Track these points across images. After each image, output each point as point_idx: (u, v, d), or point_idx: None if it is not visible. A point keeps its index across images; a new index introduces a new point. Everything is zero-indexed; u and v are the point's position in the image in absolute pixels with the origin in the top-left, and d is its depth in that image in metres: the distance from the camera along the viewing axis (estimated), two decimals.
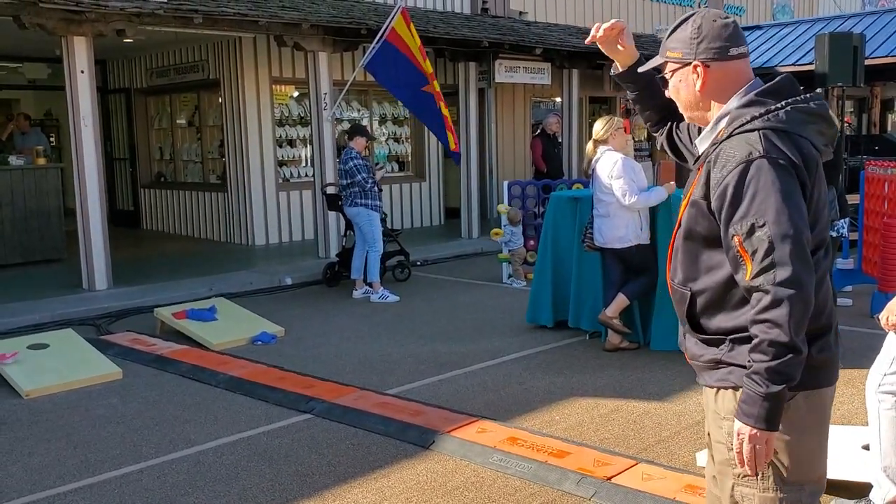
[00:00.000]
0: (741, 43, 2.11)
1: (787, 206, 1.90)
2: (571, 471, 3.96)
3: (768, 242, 1.89)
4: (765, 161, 1.92)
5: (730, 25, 2.10)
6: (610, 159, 5.89)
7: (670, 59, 2.16)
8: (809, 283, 1.89)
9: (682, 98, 2.18)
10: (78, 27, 8.21)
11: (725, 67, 2.08)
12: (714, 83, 2.09)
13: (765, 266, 1.89)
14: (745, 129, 1.99)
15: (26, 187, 10.06)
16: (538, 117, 14.85)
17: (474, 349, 6.36)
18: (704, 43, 2.08)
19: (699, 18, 2.11)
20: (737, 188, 1.94)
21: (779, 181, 1.91)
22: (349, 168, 8.30)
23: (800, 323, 1.89)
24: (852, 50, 9.33)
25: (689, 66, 2.11)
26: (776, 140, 1.95)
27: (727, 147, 1.99)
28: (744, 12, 19.63)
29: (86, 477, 4.18)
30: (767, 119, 1.98)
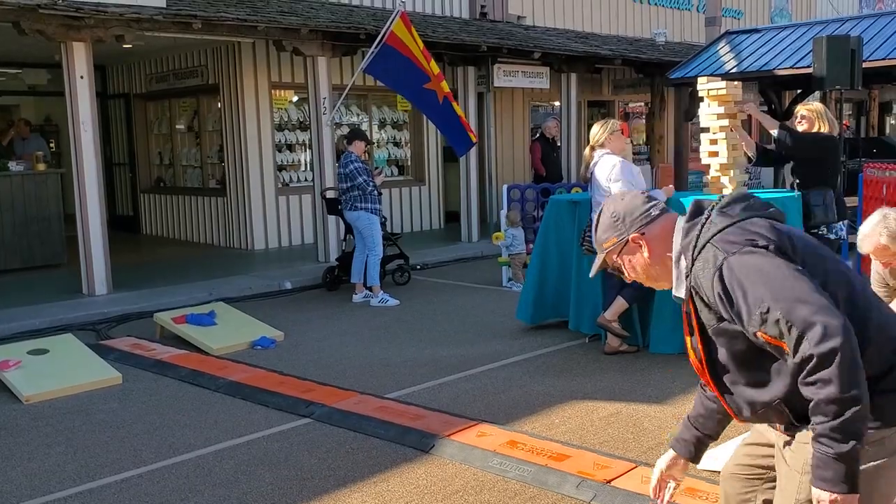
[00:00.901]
0: (652, 199, 2.28)
1: (774, 278, 1.94)
2: (571, 474, 3.96)
3: (784, 319, 1.89)
4: (730, 259, 1.99)
5: (637, 196, 2.28)
6: (608, 162, 5.90)
7: (609, 248, 2.27)
8: (842, 326, 1.86)
9: (640, 274, 2.28)
10: (77, 33, 8.23)
11: (656, 226, 2.22)
12: (656, 245, 2.21)
13: (796, 339, 1.88)
14: (698, 251, 2.07)
15: (26, 193, 10.07)
16: (537, 121, 14.88)
17: (474, 353, 6.36)
18: (627, 219, 2.23)
19: (609, 205, 2.29)
20: (727, 297, 2.00)
21: (752, 265, 1.97)
22: (349, 172, 8.31)
23: (852, 372, 1.85)
24: (850, 53, 9.35)
25: (628, 242, 2.23)
26: (726, 238, 2.04)
27: (698, 273, 2.07)
28: (742, 15, 19.66)
29: (86, 482, 4.18)
30: (707, 231, 2.08)
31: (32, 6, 7.65)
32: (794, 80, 12.38)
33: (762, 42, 12.86)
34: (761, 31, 13.47)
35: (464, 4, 14.17)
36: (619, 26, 16.98)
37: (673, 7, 18.25)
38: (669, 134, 15.73)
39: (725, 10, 18.03)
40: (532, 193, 9.61)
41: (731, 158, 5.92)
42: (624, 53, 14.15)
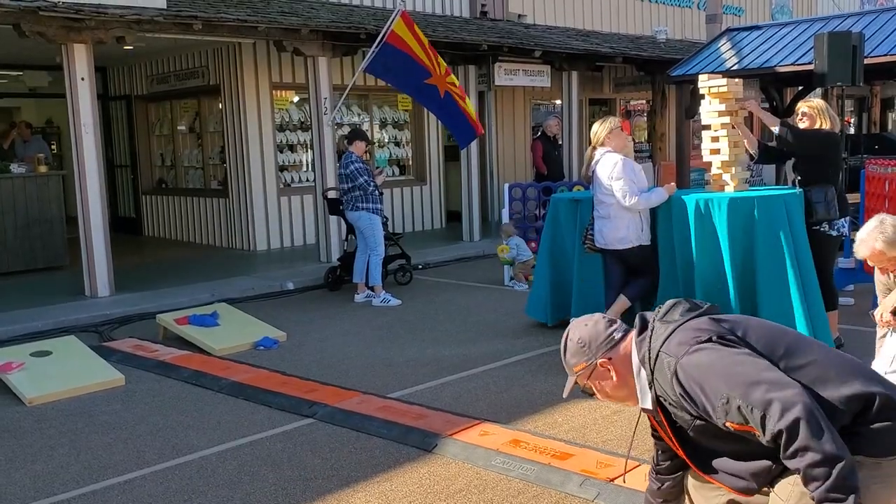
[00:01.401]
0: (614, 322, 2.42)
1: (724, 369, 2.07)
2: (575, 472, 3.96)
3: (744, 405, 2.04)
4: (682, 361, 2.14)
5: (599, 321, 2.42)
6: (610, 160, 5.89)
7: (580, 372, 2.40)
8: (797, 395, 2.00)
9: (611, 395, 2.42)
10: (78, 35, 8.23)
11: (621, 349, 2.35)
12: (622, 367, 2.36)
13: (760, 420, 2.03)
14: (653, 362, 2.23)
15: (28, 195, 10.09)
16: (538, 120, 14.87)
17: (476, 352, 6.36)
18: (593, 344, 2.37)
19: (574, 330, 2.44)
20: (689, 397, 2.14)
21: (702, 362, 2.10)
22: (350, 172, 8.31)
23: (822, 433, 1.97)
24: (851, 49, 9.33)
25: (596, 366, 2.37)
26: (673, 343, 2.18)
27: (657, 384, 2.22)
28: (743, 13, 19.64)
29: (89, 483, 4.19)
30: (654, 344, 2.23)
31: (33, 8, 7.66)
32: (796, 76, 12.35)
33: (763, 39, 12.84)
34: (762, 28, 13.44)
35: (464, 3, 14.16)
36: (620, 24, 16.96)
37: (674, 4, 18.23)
38: (671, 131, 15.71)
39: (726, 8, 18.01)
40: (533, 192, 9.61)
41: (732, 156, 5.91)
42: (625, 51, 14.13)
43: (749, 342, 2.17)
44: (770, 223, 5.57)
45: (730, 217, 5.61)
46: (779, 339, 2.21)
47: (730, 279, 5.62)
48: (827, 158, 5.91)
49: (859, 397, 2.10)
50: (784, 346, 2.18)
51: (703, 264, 5.72)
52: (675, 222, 5.91)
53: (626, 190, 5.77)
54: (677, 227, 5.89)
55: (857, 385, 2.12)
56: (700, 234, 5.74)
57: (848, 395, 2.10)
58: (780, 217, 5.61)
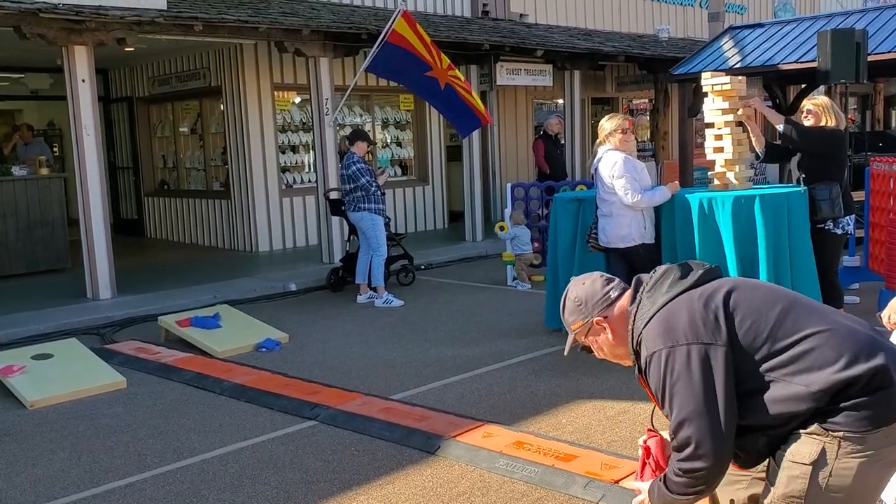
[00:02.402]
0: (612, 280, 2.44)
1: (681, 388, 2.11)
2: (579, 474, 3.92)
3: (673, 431, 2.16)
4: (650, 359, 2.19)
5: (596, 280, 2.43)
6: (611, 159, 5.84)
7: (577, 330, 2.43)
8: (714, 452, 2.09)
9: (607, 353, 2.45)
10: (78, 36, 8.21)
11: (617, 309, 2.37)
12: (619, 326, 2.37)
13: (674, 447, 2.18)
14: (636, 340, 2.27)
15: (29, 197, 10.07)
16: (541, 119, 14.83)
17: (479, 352, 6.33)
18: (589, 302, 2.39)
19: (572, 289, 2.45)
20: (651, 388, 2.25)
21: (665, 369, 2.15)
22: (352, 173, 8.28)
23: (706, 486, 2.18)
24: (855, 46, 9.27)
25: (593, 324, 2.40)
26: (649, 333, 2.21)
27: (641, 359, 2.27)
28: (745, 11, 19.59)
29: (90, 487, 4.16)
30: (640, 320, 2.26)
31: (33, 10, 7.64)
32: (799, 74, 12.29)
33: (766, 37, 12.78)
34: (765, 26, 13.38)
35: (465, 3, 14.13)
36: (622, 23, 16.92)
37: (676, 3, 18.18)
38: (674, 130, 15.67)
39: (729, 6, 17.96)
40: (536, 191, 9.56)
41: (736, 154, 5.87)
42: (627, 50, 14.09)
43: (734, 325, 2.14)
44: (774, 221, 5.53)
45: (734, 215, 5.57)
46: (768, 312, 2.16)
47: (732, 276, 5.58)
48: (832, 156, 5.87)
49: (841, 381, 2.07)
50: (772, 323, 2.14)
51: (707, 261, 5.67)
52: (677, 220, 5.88)
53: (628, 188, 5.72)
54: (680, 225, 5.85)
55: (842, 366, 2.08)
56: (703, 232, 5.70)
57: (829, 380, 2.07)
58: (784, 215, 5.57)
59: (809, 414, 2.10)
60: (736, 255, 5.58)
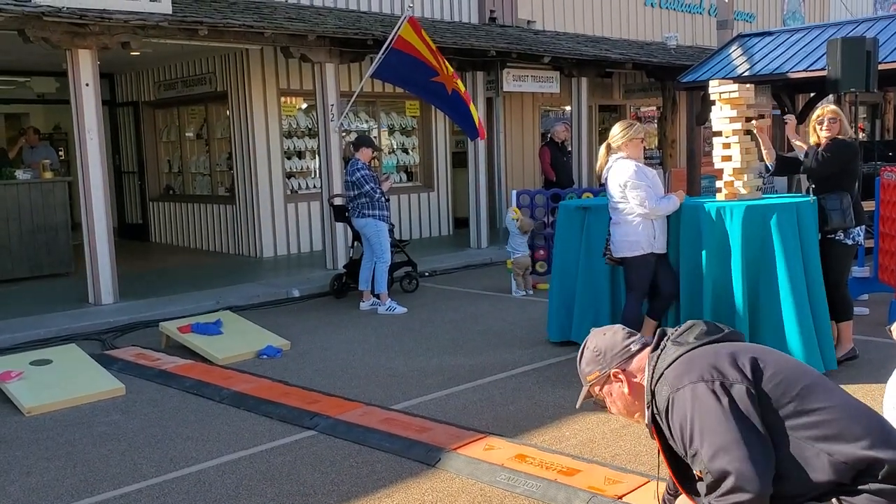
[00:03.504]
0: (633, 334, 2.40)
1: (708, 421, 2.03)
2: (581, 489, 3.83)
3: (705, 467, 2.04)
4: (674, 395, 2.12)
5: (618, 332, 2.40)
6: (623, 167, 5.74)
7: (592, 382, 2.38)
8: (755, 480, 1.96)
9: (621, 408, 2.39)
10: (82, 40, 8.18)
11: (637, 362, 2.32)
12: (636, 381, 2.33)
13: (708, 486, 2.03)
14: (655, 383, 2.20)
15: (33, 201, 10.04)
16: (547, 126, 14.76)
17: (483, 362, 6.25)
18: (608, 354, 2.35)
19: (592, 339, 2.42)
20: (671, 431, 2.15)
21: (692, 405, 2.07)
22: (356, 179, 8.23)
23: None
24: (865, 55, 9.18)
25: (610, 377, 2.35)
26: (675, 372, 2.14)
27: (657, 405, 2.21)
28: (754, 19, 19.50)
29: (84, 497, 4.09)
30: (661, 364, 2.19)
31: (36, 13, 7.61)
32: (808, 83, 12.21)
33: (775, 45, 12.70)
34: (774, 34, 13.31)
35: (473, 9, 14.08)
36: (630, 30, 16.85)
37: (684, 11, 18.10)
38: (681, 138, 15.57)
39: (737, 14, 17.88)
40: (542, 199, 9.48)
41: (744, 162, 5.78)
42: (635, 57, 14.02)
43: (762, 378, 2.08)
44: (783, 232, 5.44)
45: (743, 225, 5.48)
46: (797, 378, 2.11)
47: (738, 288, 5.48)
48: (845, 168, 5.78)
49: (864, 459, 2.00)
50: (801, 386, 2.09)
51: (713, 273, 5.58)
52: (683, 230, 5.79)
53: (644, 197, 5.64)
54: (685, 234, 5.76)
55: (866, 445, 2.01)
56: (710, 242, 5.61)
57: (853, 454, 2.01)
58: (793, 226, 5.48)
59: (829, 488, 2.01)
60: (742, 265, 5.49)
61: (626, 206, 5.74)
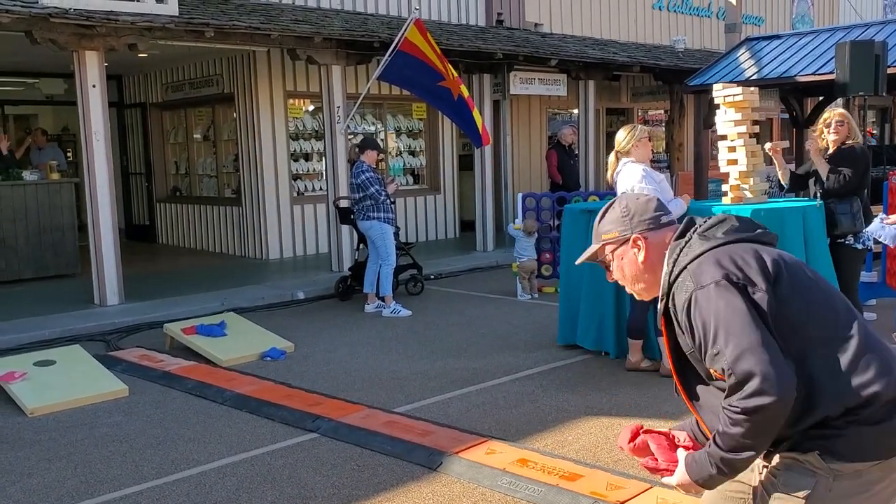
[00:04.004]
0: (667, 211, 2.26)
1: (732, 321, 1.94)
2: (584, 495, 3.81)
3: (729, 368, 1.93)
4: (698, 292, 2.00)
5: (652, 200, 2.27)
6: (633, 171, 5.70)
7: (607, 240, 2.26)
8: (780, 384, 1.89)
9: (627, 275, 2.27)
10: (89, 42, 8.20)
11: (661, 235, 2.20)
12: (654, 253, 2.20)
13: (732, 386, 1.94)
14: (674, 275, 2.09)
15: (40, 202, 10.06)
16: (555, 129, 14.73)
17: (486, 365, 6.22)
18: (636, 217, 2.22)
19: (623, 200, 2.27)
20: (691, 328, 2.02)
21: (716, 303, 1.97)
22: (361, 181, 8.21)
23: (769, 428, 1.93)
24: (874, 58, 9.13)
25: (629, 242, 2.22)
26: (699, 267, 2.03)
27: (674, 299, 2.09)
28: (763, 22, 19.43)
29: (84, 498, 4.08)
30: (686, 255, 2.07)
31: (44, 15, 7.63)
32: (817, 86, 12.14)
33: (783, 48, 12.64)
34: (782, 38, 13.25)
35: (480, 12, 14.07)
36: (637, 33, 16.81)
37: (692, 14, 18.05)
38: (689, 141, 15.52)
39: (746, 17, 17.81)
40: (548, 202, 9.45)
41: (750, 166, 5.75)
42: (642, 60, 13.98)
43: (784, 291, 1.99)
44: (790, 235, 5.40)
45: None
46: (821, 301, 2.02)
47: None
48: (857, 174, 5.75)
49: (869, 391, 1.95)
50: (821, 311, 2.01)
51: None
52: None
53: None
54: None
55: (870, 376, 1.96)
56: None
57: (858, 382, 1.95)
58: (799, 230, 5.44)
59: (817, 419, 1.96)
60: None
61: None
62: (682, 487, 2.12)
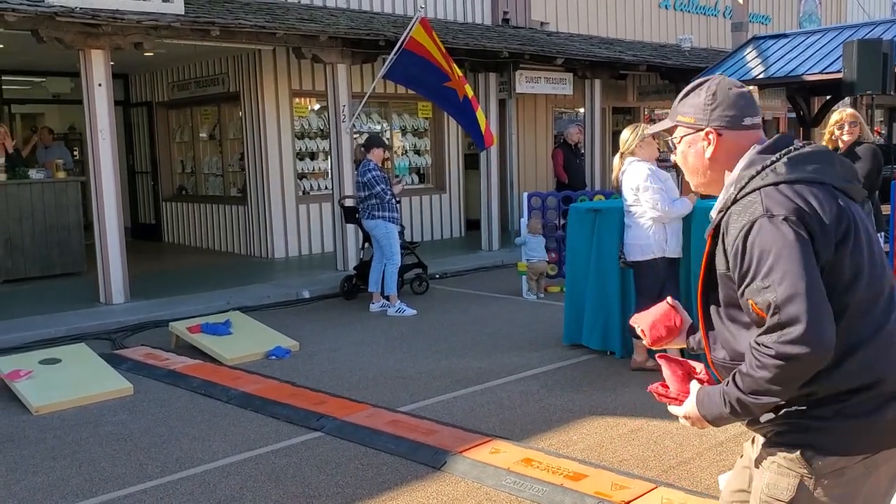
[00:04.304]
0: (755, 113, 2.08)
1: (794, 262, 1.83)
2: (588, 495, 3.79)
3: (775, 304, 1.83)
4: (765, 220, 1.88)
5: (745, 95, 2.08)
6: (638, 170, 5.68)
7: (682, 123, 2.13)
8: (822, 341, 1.81)
9: (689, 165, 2.15)
10: (95, 40, 8.21)
11: (737, 136, 2.05)
12: (724, 152, 2.06)
13: (772, 325, 1.84)
14: (746, 190, 1.95)
15: (46, 201, 10.07)
16: (560, 128, 14.70)
17: (491, 365, 6.21)
18: (719, 110, 2.06)
19: (714, 85, 2.09)
20: (743, 252, 1.90)
21: (783, 238, 1.85)
22: (367, 180, 8.21)
23: (796, 379, 1.85)
24: (882, 57, 9.09)
25: (701, 133, 2.08)
26: (776, 195, 1.90)
27: (734, 212, 1.95)
28: (770, 21, 19.36)
29: (88, 497, 4.08)
30: (765, 176, 1.93)
31: (50, 14, 7.64)
32: (824, 85, 12.09)
33: (790, 47, 12.59)
34: (789, 37, 13.20)
35: (486, 11, 14.05)
36: (644, 32, 16.77)
37: (699, 13, 18.00)
38: None
39: (753, 16, 17.75)
40: (553, 201, 9.43)
41: None
42: (649, 59, 13.94)
43: (844, 251, 1.89)
44: None
45: None
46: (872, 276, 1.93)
47: None
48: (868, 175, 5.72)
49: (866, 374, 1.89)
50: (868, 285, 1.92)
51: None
52: (695, 233, 5.73)
53: (658, 199, 5.57)
54: (697, 237, 5.70)
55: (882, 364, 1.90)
56: None
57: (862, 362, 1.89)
58: None
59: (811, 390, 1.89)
60: None
61: (638, 209, 5.68)
62: (689, 419, 2.07)
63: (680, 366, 2.16)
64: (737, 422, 1.99)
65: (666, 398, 2.15)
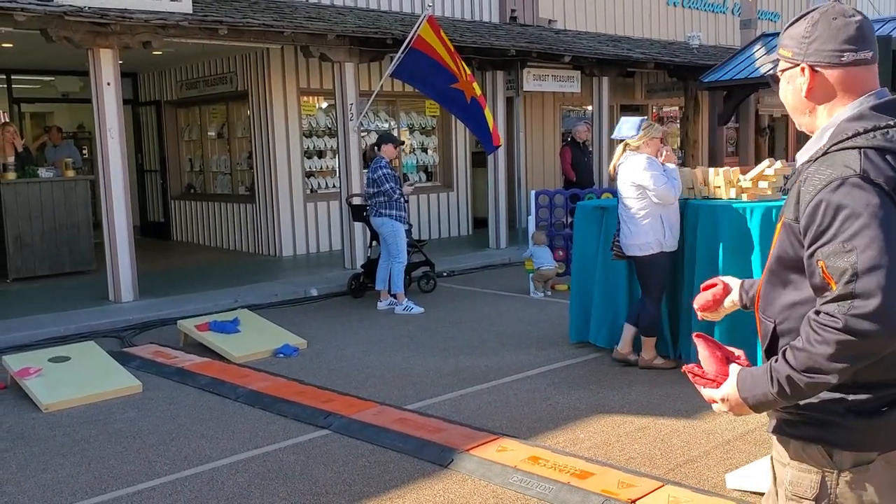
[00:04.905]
0: (864, 47, 1.86)
1: (882, 233, 1.67)
2: (595, 493, 3.79)
3: (853, 271, 1.65)
4: (861, 181, 1.70)
5: (850, 26, 1.85)
6: (636, 161, 5.68)
7: (782, 56, 1.97)
8: (892, 318, 1.64)
9: (789, 102, 1.98)
10: (104, 39, 8.25)
11: (838, 74, 1.86)
12: (822, 90, 1.88)
13: (843, 294, 1.66)
14: (845, 145, 1.77)
15: (55, 199, 10.12)
16: (568, 126, 14.69)
17: (498, 363, 6.21)
18: (816, 44, 1.87)
19: (818, 14, 1.89)
20: (826, 209, 1.72)
21: (875, 205, 1.69)
22: (378, 177, 8.21)
23: (859, 357, 1.67)
24: (891, 54, 9.02)
25: (798, 68, 1.91)
26: (879, 161, 1.73)
27: (824, 163, 1.77)
28: (779, 18, 19.29)
29: (97, 494, 4.11)
30: (874, 136, 1.76)
31: (59, 13, 7.68)
32: None
33: None
34: None
35: (493, 9, 14.04)
36: (652, 30, 16.73)
37: (707, 10, 17.94)
38: (704, 138, 15.43)
39: (761, 13, 17.69)
40: (561, 199, 9.43)
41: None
42: (657, 57, 13.91)
43: None
44: None
45: (762, 226, 5.40)
46: None
47: None
48: None
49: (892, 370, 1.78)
50: None
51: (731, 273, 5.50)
52: (700, 230, 5.72)
53: (657, 176, 5.57)
54: (703, 234, 5.69)
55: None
56: (729, 242, 5.53)
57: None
58: None
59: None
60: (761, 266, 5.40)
61: (635, 204, 5.67)
62: (727, 403, 1.87)
63: (718, 348, 2.02)
64: (784, 405, 1.80)
65: (702, 379, 1.96)
